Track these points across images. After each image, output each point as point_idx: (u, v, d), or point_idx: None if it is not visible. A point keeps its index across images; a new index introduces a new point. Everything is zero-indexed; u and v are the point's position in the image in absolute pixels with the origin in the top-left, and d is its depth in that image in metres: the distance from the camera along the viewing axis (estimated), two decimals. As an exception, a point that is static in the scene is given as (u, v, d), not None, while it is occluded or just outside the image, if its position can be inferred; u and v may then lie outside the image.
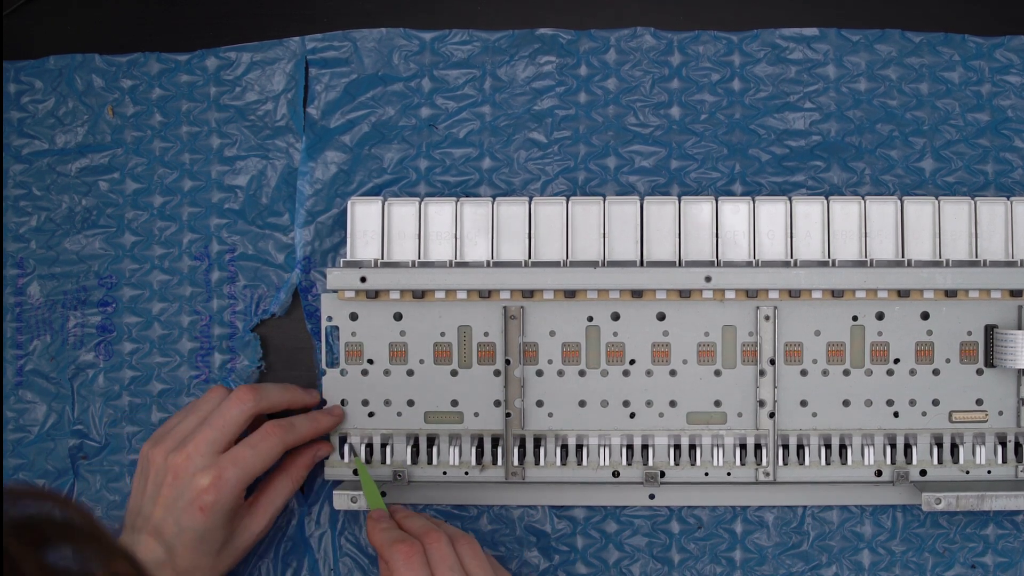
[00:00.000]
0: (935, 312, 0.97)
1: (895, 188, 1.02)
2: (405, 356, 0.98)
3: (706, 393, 0.98)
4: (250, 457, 0.90)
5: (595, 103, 1.03)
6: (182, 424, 0.93)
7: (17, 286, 1.02)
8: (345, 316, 0.98)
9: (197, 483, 0.88)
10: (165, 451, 0.91)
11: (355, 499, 0.94)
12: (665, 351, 0.98)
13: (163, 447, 0.91)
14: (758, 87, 1.03)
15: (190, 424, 0.92)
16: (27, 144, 1.03)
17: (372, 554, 1.01)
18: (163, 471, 0.90)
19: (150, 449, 0.92)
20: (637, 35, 1.03)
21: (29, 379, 1.02)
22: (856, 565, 1.01)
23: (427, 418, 0.99)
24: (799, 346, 0.98)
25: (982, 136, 1.02)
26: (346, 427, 0.99)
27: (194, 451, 0.89)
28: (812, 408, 0.98)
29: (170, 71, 1.03)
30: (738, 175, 1.02)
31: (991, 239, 0.98)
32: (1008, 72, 1.02)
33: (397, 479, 0.98)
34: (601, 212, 0.98)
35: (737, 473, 0.98)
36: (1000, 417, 0.98)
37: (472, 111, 1.03)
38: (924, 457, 0.98)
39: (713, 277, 0.95)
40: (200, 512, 0.88)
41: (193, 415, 0.93)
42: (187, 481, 0.89)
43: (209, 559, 0.90)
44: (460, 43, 1.03)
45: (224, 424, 0.91)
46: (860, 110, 1.02)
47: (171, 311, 1.02)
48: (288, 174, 1.02)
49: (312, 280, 1.02)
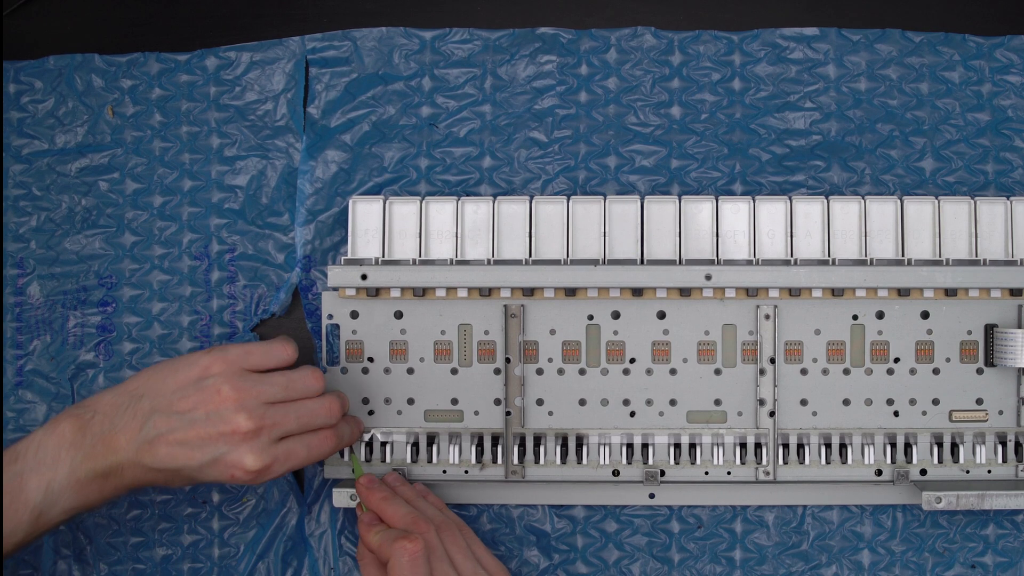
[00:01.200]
0: (935, 311, 0.97)
1: (895, 188, 1.02)
2: (405, 354, 0.98)
3: (706, 392, 0.98)
4: (302, 458, 0.89)
5: (596, 102, 1.03)
6: (270, 378, 0.89)
7: (17, 286, 1.02)
8: (346, 314, 0.98)
9: (244, 459, 0.85)
10: (234, 373, 0.88)
11: (354, 497, 0.94)
12: (665, 350, 0.98)
13: (236, 369, 0.88)
14: (758, 87, 1.03)
15: (275, 385, 0.89)
16: (27, 144, 1.03)
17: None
18: (216, 382, 0.87)
19: (220, 355, 0.88)
20: (638, 34, 1.03)
21: (29, 379, 1.02)
22: (856, 565, 1.01)
23: (427, 416, 0.99)
24: (799, 345, 0.98)
25: (982, 136, 1.02)
26: (346, 425, 0.98)
27: (257, 406, 0.87)
28: (812, 407, 0.98)
29: (170, 71, 1.03)
30: (738, 175, 1.02)
31: (991, 239, 0.98)
32: (1008, 72, 1.02)
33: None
34: (602, 211, 0.98)
35: (737, 472, 0.98)
36: (1000, 416, 0.98)
37: (472, 110, 1.03)
38: (924, 456, 0.98)
39: (713, 275, 0.95)
40: (228, 477, 0.86)
41: (281, 380, 0.89)
42: (225, 422, 0.86)
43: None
44: (460, 42, 1.03)
45: (304, 417, 0.89)
46: (860, 110, 1.02)
47: (171, 311, 1.02)
48: (288, 174, 1.02)
49: (312, 279, 1.02)
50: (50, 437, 0.84)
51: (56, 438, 0.84)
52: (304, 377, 0.90)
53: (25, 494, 0.83)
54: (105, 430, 0.85)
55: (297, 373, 0.90)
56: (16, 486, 0.83)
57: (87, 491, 0.85)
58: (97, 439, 0.85)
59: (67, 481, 0.84)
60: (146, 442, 0.85)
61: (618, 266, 0.96)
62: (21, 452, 0.84)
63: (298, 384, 0.90)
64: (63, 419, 0.85)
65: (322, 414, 0.90)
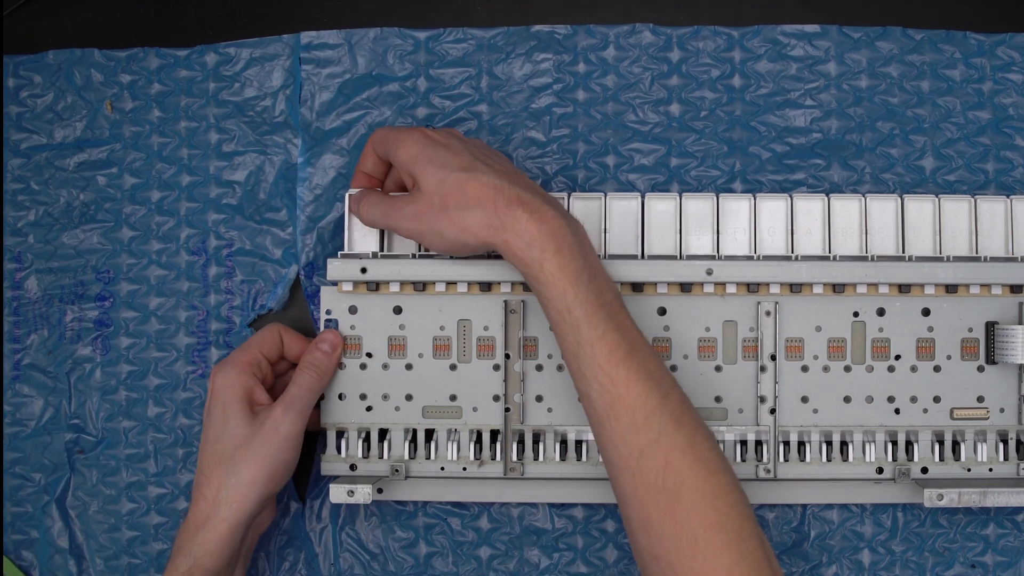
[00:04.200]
0: (936, 308, 0.97)
1: (895, 187, 1.01)
2: (404, 350, 0.98)
3: (707, 389, 0.98)
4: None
5: (594, 100, 1.03)
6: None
7: (15, 280, 1.02)
8: (344, 309, 0.98)
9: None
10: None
11: (352, 492, 0.93)
12: (665, 346, 0.97)
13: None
14: (759, 84, 1.03)
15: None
16: (26, 139, 1.03)
17: (373, 550, 1.01)
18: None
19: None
20: (636, 31, 1.03)
21: (26, 373, 1.01)
22: (856, 564, 1.01)
23: (425, 412, 0.98)
24: (800, 342, 0.97)
25: (983, 134, 1.02)
26: (343, 421, 0.98)
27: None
28: (813, 404, 0.97)
29: (169, 66, 1.03)
30: (738, 173, 1.02)
31: (991, 237, 0.98)
32: (1009, 70, 1.02)
33: (395, 474, 0.97)
34: (602, 208, 0.98)
35: (737, 470, 0.97)
36: (1001, 414, 0.97)
37: (469, 110, 1.03)
38: (925, 454, 0.98)
39: (714, 270, 0.95)
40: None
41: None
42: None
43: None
44: (455, 41, 1.03)
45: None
46: (861, 107, 1.02)
47: (168, 306, 1.02)
48: (286, 170, 1.02)
49: (317, 284, 1.01)
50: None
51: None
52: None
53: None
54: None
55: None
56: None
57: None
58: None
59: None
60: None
61: (618, 260, 0.96)
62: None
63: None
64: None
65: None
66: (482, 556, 1.01)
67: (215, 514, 0.88)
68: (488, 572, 1.01)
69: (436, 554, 1.01)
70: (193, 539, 0.88)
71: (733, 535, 0.80)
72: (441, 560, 1.01)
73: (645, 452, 0.81)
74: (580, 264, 0.84)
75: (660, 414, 0.82)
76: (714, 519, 0.80)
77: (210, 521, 0.88)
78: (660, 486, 0.81)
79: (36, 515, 1.01)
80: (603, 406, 0.83)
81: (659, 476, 0.81)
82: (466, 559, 1.01)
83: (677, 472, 0.80)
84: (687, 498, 0.80)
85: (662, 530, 0.80)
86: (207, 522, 0.88)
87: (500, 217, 0.85)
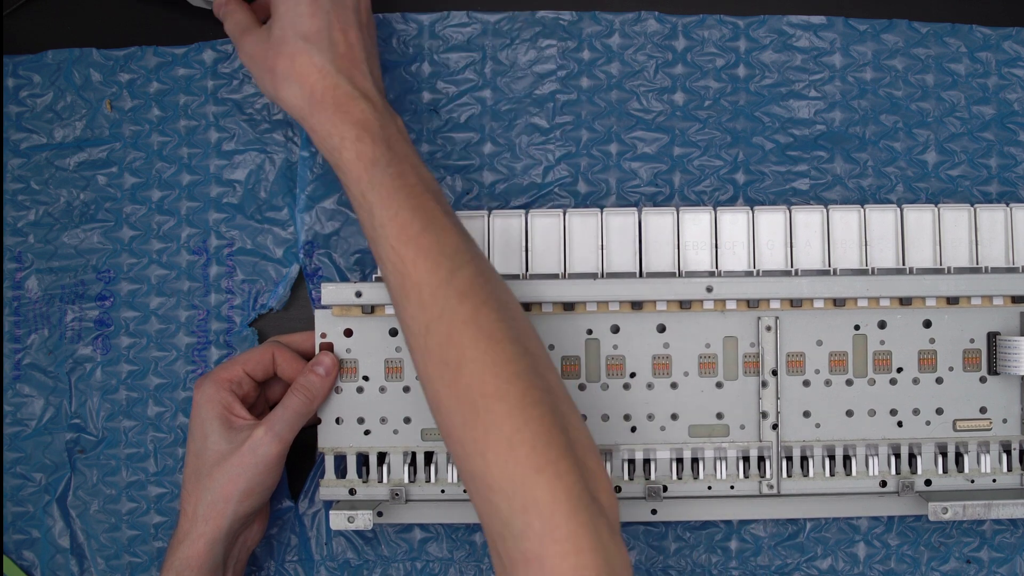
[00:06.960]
0: (937, 320, 0.96)
1: (897, 180, 1.01)
2: (401, 372, 0.97)
3: (708, 405, 0.97)
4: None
5: (598, 88, 1.02)
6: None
7: (15, 280, 1.03)
8: (339, 332, 0.97)
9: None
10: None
11: (352, 519, 0.93)
12: (666, 363, 0.97)
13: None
14: (763, 74, 1.02)
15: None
16: (25, 138, 1.03)
17: (366, 535, 1.02)
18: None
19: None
20: (641, 19, 1.02)
21: (27, 373, 1.02)
22: (851, 557, 1.01)
23: (424, 435, 0.97)
24: (801, 356, 0.96)
25: (987, 129, 1.01)
26: (341, 445, 0.97)
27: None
28: (815, 419, 0.97)
29: (167, 65, 1.03)
30: (741, 163, 1.01)
31: (991, 246, 0.97)
32: (1015, 65, 1.01)
33: (395, 498, 0.96)
34: (599, 223, 0.97)
35: (740, 486, 0.97)
36: (1004, 425, 0.97)
37: (473, 95, 1.03)
38: (928, 467, 0.97)
39: (715, 287, 0.94)
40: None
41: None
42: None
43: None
44: (459, 25, 1.02)
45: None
46: (865, 100, 1.01)
47: (169, 305, 1.02)
48: (287, 168, 1.02)
49: (317, 264, 1.01)
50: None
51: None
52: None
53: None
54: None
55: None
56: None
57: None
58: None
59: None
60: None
61: (617, 279, 0.95)
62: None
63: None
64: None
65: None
66: (476, 541, 1.02)
67: (193, 529, 0.90)
68: (483, 558, 1.02)
69: (430, 539, 1.02)
70: (175, 553, 0.90)
71: (514, 403, 0.77)
72: (435, 545, 1.02)
73: (431, 328, 0.80)
74: (381, 151, 0.85)
75: (446, 289, 0.81)
76: (493, 387, 0.78)
77: (189, 536, 0.90)
78: (443, 360, 0.80)
79: (37, 515, 1.02)
80: (395, 286, 0.83)
81: (442, 350, 0.80)
82: (460, 544, 1.02)
83: (458, 345, 0.79)
84: (468, 370, 0.79)
85: (449, 407, 0.79)
86: (187, 537, 0.90)
87: (310, 101, 0.87)
